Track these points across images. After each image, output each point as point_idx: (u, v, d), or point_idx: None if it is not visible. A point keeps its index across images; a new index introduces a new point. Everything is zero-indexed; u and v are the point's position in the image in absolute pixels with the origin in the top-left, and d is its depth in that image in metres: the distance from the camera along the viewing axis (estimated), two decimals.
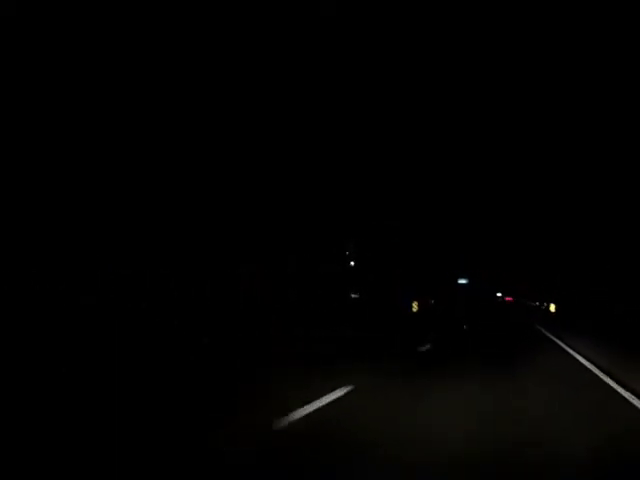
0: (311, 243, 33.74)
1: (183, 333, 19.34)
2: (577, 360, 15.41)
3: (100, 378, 10.66)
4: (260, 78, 25.55)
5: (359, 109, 32.17)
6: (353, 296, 45.06)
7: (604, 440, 6.71)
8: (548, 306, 69.10)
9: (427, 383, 11.01)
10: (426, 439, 6.66)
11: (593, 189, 47.09)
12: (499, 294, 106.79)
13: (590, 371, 13.06)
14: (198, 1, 22.65)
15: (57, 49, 19.13)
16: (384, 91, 33.01)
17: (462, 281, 79.79)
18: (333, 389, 9.66)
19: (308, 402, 8.56)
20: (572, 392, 10.24)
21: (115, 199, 21.87)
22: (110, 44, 20.50)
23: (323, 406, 8.56)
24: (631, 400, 9.18)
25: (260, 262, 29.02)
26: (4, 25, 17.13)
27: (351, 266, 44.70)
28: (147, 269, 22.95)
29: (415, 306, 47.30)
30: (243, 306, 26.30)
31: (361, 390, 9.89)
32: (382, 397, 9.48)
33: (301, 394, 9.12)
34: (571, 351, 17.67)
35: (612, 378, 11.51)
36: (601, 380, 11.60)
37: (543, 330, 29.61)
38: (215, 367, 13.17)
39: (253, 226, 28.01)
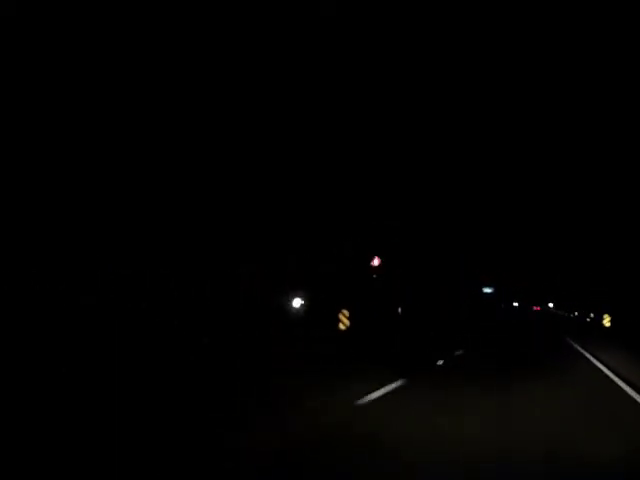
0: (311, 243, 33.72)
1: (183, 333, 19.34)
2: None
3: (100, 378, 10.64)
4: (260, 78, 25.54)
5: (359, 109, 32.17)
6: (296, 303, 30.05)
7: None
8: (601, 319, 43.58)
9: None
10: None
11: (596, 188, 47.05)
12: (516, 303, 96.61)
13: None
14: (198, 1, 22.64)
15: (57, 49, 19.13)
16: (384, 91, 33.00)
17: (487, 290, 71.17)
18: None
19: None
20: None
21: (115, 199, 21.86)
22: (110, 44, 20.49)
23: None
24: None
25: (260, 262, 29.00)
26: (4, 25, 17.13)
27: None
28: (147, 269, 22.93)
29: (344, 319, 25.01)
30: (243, 306, 26.28)
31: None
32: None
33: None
34: None
35: None
36: None
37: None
38: (215, 367, 13.17)
39: (253, 226, 28.00)
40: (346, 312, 24.97)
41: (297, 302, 28.64)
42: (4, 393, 8.85)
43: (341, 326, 24.68)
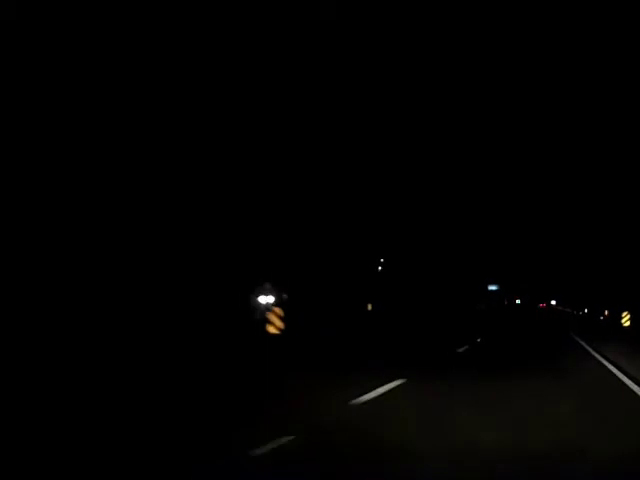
0: (310, 243, 33.71)
1: (182, 333, 19.34)
2: None
3: (100, 378, 10.66)
4: (261, 81, 25.59)
5: (360, 111, 32.20)
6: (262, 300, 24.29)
7: None
8: (618, 317, 36.92)
9: None
10: None
11: (596, 186, 47.00)
12: (518, 300, 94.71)
13: None
14: (198, 2, 22.68)
15: (57, 51, 19.16)
16: (384, 93, 33.05)
17: (492, 287, 69.57)
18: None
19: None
20: None
21: (115, 199, 21.90)
22: (110, 44, 20.52)
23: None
24: None
25: (260, 262, 29.01)
26: (4, 28, 17.16)
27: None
28: (147, 269, 22.96)
29: (276, 320, 19.44)
30: (242, 306, 26.25)
31: None
32: None
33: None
34: None
35: None
36: None
37: None
38: (215, 367, 13.19)
39: (253, 226, 28.03)
40: (279, 311, 19.80)
41: (264, 299, 24.53)
42: (4, 393, 8.87)
43: (271, 329, 19.31)
